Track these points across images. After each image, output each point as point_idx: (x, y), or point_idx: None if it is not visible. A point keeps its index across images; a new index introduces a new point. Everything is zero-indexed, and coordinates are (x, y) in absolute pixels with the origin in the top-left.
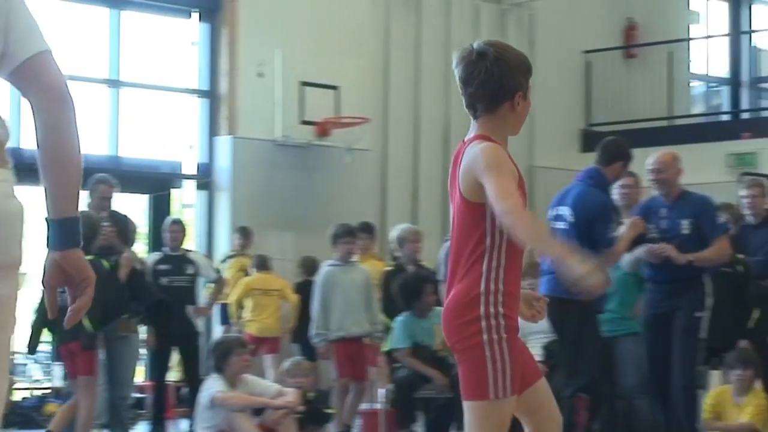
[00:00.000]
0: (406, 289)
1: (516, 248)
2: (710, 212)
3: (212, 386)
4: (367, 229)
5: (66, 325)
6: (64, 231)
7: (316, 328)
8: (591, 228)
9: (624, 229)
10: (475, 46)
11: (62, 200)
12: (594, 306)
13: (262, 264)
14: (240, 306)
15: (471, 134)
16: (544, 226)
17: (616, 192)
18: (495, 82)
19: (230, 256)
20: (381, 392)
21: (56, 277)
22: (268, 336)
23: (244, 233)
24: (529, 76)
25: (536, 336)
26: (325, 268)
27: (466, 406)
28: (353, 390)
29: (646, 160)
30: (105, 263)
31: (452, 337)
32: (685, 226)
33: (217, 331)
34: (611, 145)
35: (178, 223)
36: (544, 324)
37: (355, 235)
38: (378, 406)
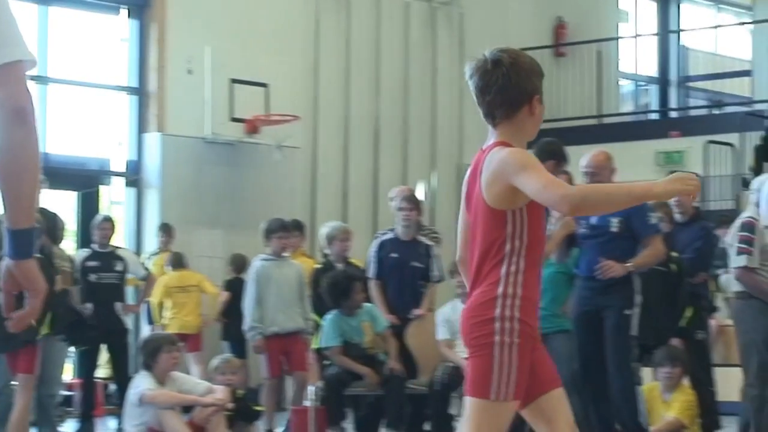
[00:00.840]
0: (335, 288)
1: (535, 254)
2: (642, 211)
3: (141, 384)
4: (296, 226)
5: (9, 328)
6: (17, 242)
7: (250, 322)
8: None
9: (555, 227)
10: (488, 55)
11: (16, 213)
12: None
13: (178, 262)
14: (161, 306)
15: (490, 141)
16: (605, 186)
17: None
18: (513, 88)
19: (154, 254)
20: (311, 390)
21: (9, 283)
22: (190, 333)
23: (166, 230)
24: (542, 79)
25: None
26: (257, 262)
27: (468, 400)
28: (294, 383)
29: (579, 160)
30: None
31: (467, 335)
32: (614, 223)
33: (146, 330)
34: (544, 145)
35: (109, 221)
36: None
37: (288, 230)
38: (308, 403)
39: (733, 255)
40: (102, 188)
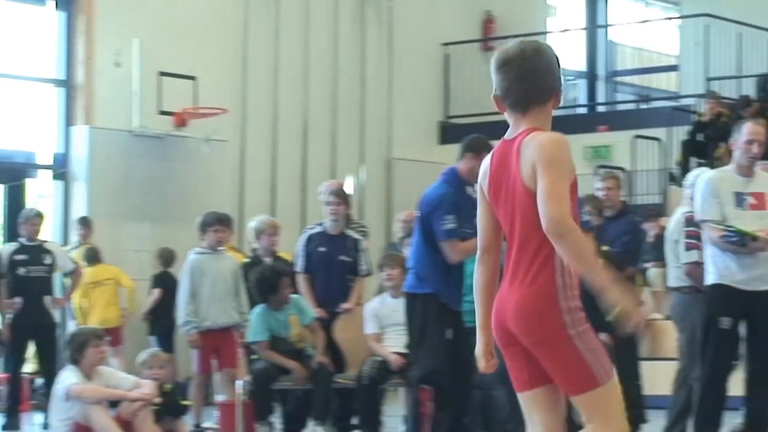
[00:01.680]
0: (262, 283)
1: None
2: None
3: (68, 378)
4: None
5: None
6: None
7: (184, 316)
8: (429, 221)
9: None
10: (523, 45)
11: None
12: (439, 300)
13: (93, 257)
14: (81, 303)
15: (520, 129)
16: (592, 246)
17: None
18: (551, 76)
19: (74, 247)
20: (238, 384)
21: None
22: (109, 327)
23: (85, 224)
24: None
25: (396, 328)
26: (192, 255)
27: (581, 399)
28: (223, 379)
29: None
30: None
31: (534, 334)
32: None
33: (72, 324)
34: (464, 140)
35: (39, 216)
36: (401, 317)
37: (224, 224)
38: (235, 398)
39: (682, 251)
40: (29, 181)
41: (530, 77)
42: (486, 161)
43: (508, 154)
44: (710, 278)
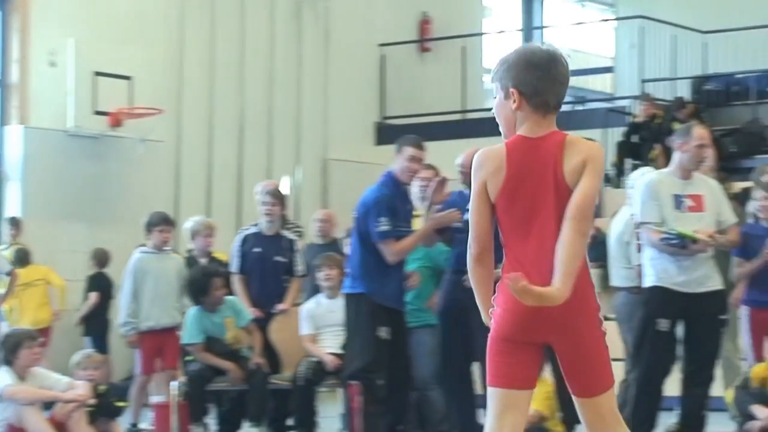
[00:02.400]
0: (193, 285)
1: None
2: None
3: (1, 380)
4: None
5: None
6: None
7: (125, 316)
8: (365, 223)
9: (425, 221)
10: (553, 50)
11: None
12: (372, 299)
13: (23, 258)
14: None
15: (542, 129)
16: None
17: (415, 186)
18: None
19: (4, 248)
20: (173, 385)
21: None
22: (40, 327)
23: (15, 224)
24: None
25: (331, 328)
26: (136, 254)
27: (607, 396)
28: (161, 380)
29: (442, 156)
30: None
31: (577, 330)
32: None
33: (4, 325)
34: (397, 141)
35: None
36: (339, 317)
37: (170, 224)
38: (170, 398)
39: (634, 252)
40: None
41: (563, 83)
42: (495, 158)
43: (539, 151)
44: (648, 280)
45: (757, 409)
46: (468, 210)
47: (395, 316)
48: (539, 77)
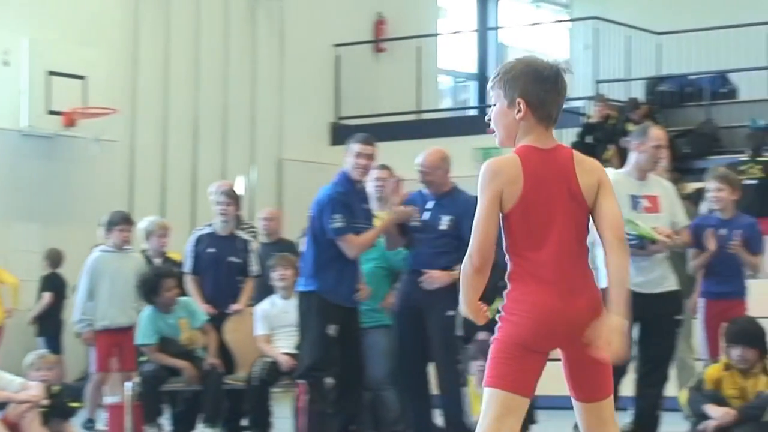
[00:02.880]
0: (144, 285)
1: None
2: (472, 213)
3: None
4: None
5: None
6: None
7: (79, 314)
8: (320, 221)
9: (382, 218)
10: (557, 63)
11: None
12: (322, 297)
13: None
14: None
15: (549, 142)
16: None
17: (371, 185)
18: None
19: None
20: (127, 386)
21: None
22: None
23: None
24: None
25: (286, 329)
26: (96, 253)
27: (610, 401)
28: (117, 380)
29: (398, 156)
30: None
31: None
32: (444, 221)
33: None
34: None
35: None
36: (293, 317)
37: (131, 223)
38: (124, 399)
39: (600, 254)
40: None
41: (564, 97)
42: (511, 168)
43: (554, 163)
44: (606, 281)
45: (711, 409)
46: (429, 210)
47: (349, 315)
48: (546, 90)
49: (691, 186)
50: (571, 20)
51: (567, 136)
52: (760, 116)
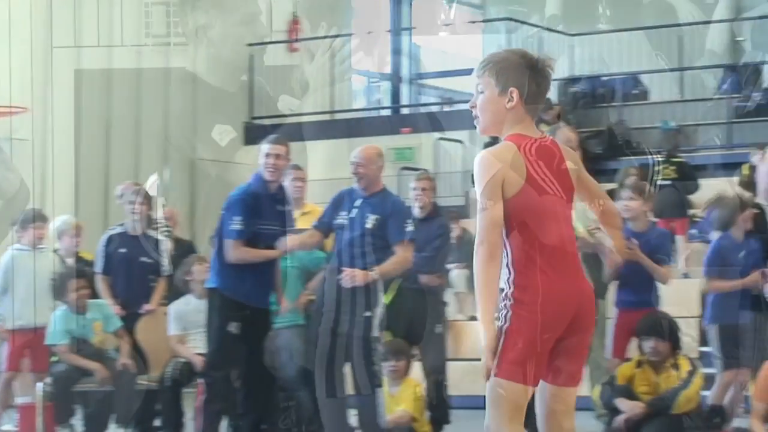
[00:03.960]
0: (53, 285)
1: None
2: (399, 216)
3: None
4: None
5: None
6: None
7: None
8: (224, 219)
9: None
10: (547, 57)
11: None
12: (223, 295)
13: None
14: None
15: (535, 131)
16: None
17: (288, 186)
18: None
19: None
20: (38, 386)
21: None
22: None
23: None
24: None
25: (200, 329)
26: (10, 251)
27: (576, 388)
28: (28, 381)
29: (309, 155)
30: None
31: (592, 325)
32: (370, 220)
33: None
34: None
35: None
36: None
37: (45, 220)
38: (36, 400)
39: None
40: None
41: (547, 92)
42: (512, 156)
43: (548, 150)
44: None
45: (621, 402)
46: (356, 208)
47: (255, 314)
48: (539, 83)
49: (604, 186)
50: (484, 21)
51: (481, 136)
52: (671, 117)
